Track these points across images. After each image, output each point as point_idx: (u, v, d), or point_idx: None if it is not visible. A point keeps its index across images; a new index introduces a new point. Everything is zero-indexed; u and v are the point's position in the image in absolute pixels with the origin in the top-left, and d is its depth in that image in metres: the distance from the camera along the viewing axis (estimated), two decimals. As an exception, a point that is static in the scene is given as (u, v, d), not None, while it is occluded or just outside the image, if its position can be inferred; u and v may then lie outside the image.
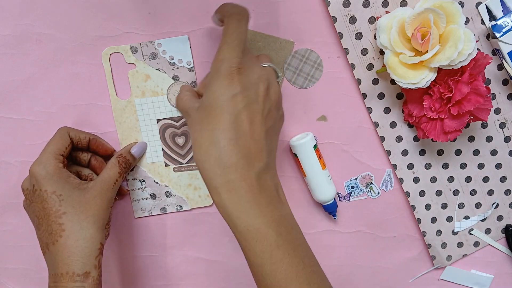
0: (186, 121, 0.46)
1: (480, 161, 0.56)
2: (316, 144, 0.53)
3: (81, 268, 0.44)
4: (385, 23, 0.47)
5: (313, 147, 0.52)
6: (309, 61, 0.52)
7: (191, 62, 0.51)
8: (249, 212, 0.39)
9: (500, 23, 0.50)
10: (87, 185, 0.47)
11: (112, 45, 0.51)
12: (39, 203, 0.45)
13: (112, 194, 0.48)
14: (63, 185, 0.45)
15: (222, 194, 0.39)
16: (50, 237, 0.45)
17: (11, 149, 0.53)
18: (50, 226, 0.45)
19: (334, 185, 0.55)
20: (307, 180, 0.53)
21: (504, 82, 0.53)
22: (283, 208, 0.42)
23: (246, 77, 0.41)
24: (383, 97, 0.53)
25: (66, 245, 0.44)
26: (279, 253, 0.39)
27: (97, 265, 0.45)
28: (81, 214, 0.45)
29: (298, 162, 0.53)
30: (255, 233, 0.39)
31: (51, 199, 0.45)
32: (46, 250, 0.45)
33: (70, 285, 0.44)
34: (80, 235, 0.45)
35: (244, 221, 0.39)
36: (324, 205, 0.55)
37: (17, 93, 0.51)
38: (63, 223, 0.45)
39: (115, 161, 0.49)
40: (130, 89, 0.52)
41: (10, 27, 0.50)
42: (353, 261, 0.59)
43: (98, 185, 0.47)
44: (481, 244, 0.59)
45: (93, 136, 0.51)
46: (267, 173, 0.41)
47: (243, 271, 0.58)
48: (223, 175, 0.39)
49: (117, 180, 0.49)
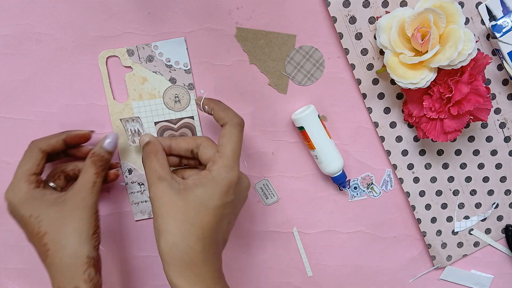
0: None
1: (480, 161, 0.56)
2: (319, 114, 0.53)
3: (69, 283, 0.43)
4: (385, 23, 0.47)
5: (318, 117, 0.52)
6: (311, 59, 0.52)
7: (188, 64, 0.51)
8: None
9: (500, 23, 0.50)
10: (65, 197, 0.45)
11: (112, 45, 0.51)
12: (22, 226, 0.45)
13: (93, 199, 0.45)
14: (39, 206, 0.44)
15: (194, 285, 0.42)
16: (41, 255, 0.45)
17: (11, 149, 0.53)
18: (36, 246, 0.45)
19: (341, 155, 0.54)
20: (316, 152, 0.52)
21: (504, 82, 0.53)
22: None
23: (239, 187, 0.45)
24: (383, 97, 0.53)
25: (53, 264, 0.44)
26: None
27: (87, 279, 0.44)
28: (62, 230, 0.44)
29: (304, 136, 0.52)
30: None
31: (29, 223, 0.44)
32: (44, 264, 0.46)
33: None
34: (64, 253, 0.44)
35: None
36: (333, 177, 0.54)
37: (17, 93, 0.51)
38: (46, 243, 0.44)
39: (89, 162, 0.46)
40: (127, 92, 0.52)
41: (10, 27, 0.50)
42: (353, 261, 0.59)
43: (75, 195, 0.45)
44: (481, 244, 0.59)
45: (65, 134, 0.48)
46: (219, 263, 0.45)
47: (243, 272, 0.58)
48: (199, 267, 0.42)
49: (94, 182, 0.46)
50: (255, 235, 0.57)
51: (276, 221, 0.57)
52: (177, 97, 0.52)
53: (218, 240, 0.44)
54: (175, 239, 0.42)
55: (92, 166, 0.46)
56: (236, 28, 0.51)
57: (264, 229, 0.57)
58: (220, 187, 0.43)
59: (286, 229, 0.57)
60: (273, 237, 0.57)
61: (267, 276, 0.59)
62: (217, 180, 0.43)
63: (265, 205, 0.57)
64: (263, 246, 0.58)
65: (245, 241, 0.57)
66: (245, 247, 0.58)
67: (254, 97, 0.53)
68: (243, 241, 0.57)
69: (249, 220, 0.57)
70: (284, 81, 0.53)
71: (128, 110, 0.52)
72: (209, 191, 0.42)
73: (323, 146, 0.52)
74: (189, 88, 0.52)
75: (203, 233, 0.42)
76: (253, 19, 0.51)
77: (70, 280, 0.43)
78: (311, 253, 0.58)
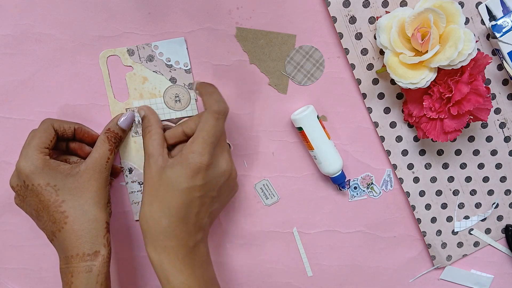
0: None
1: (480, 161, 0.56)
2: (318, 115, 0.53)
3: (90, 248, 0.45)
4: (385, 23, 0.47)
5: (317, 117, 0.52)
6: (311, 59, 0.52)
7: (188, 64, 0.51)
8: (183, 272, 0.45)
9: (500, 23, 0.50)
10: (79, 168, 0.47)
11: (112, 45, 0.51)
12: (34, 197, 0.46)
13: (106, 173, 0.48)
14: (55, 175, 0.46)
15: (161, 254, 0.45)
16: (55, 225, 0.45)
17: (11, 149, 0.53)
18: (52, 215, 0.45)
19: (340, 156, 0.54)
20: (315, 153, 0.52)
21: (504, 82, 0.53)
22: (211, 271, 0.48)
23: (211, 173, 0.46)
24: (383, 97, 0.53)
25: (73, 230, 0.45)
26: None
27: (106, 243, 0.46)
28: (80, 198, 0.46)
29: (303, 136, 0.52)
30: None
31: (46, 191, 0.45)
32: (53, 238, 0.46)
33: (81, 265, 0.45)
34: (85, 218, 0.45)
35: (177, 279, 0.45)
36: (332, 177, 0.54)
37: (17, 93, 0.51)
38: (65, 210, 0.45)
39: (104, 138, 0.48)
40: (128, 92, 0.52)
41: (10, 27, 0.50)
42: (353, 261, 0.59)
43: (90, 167, 0.47)
44: (481, 244, 0.59)
45: (78, 125, 0.50)
46: (202, 242, 0.47)
47: (244, 272, 0.58)
48: (165, 240, 0.45)
49: (108, 158, 0.48)
50: (255, 235, 0.57)
51: (276, 221, 0.57)
52: (178, 96, 0.52)
53: (189, 221, 0.46)
54: (146, 212, 0.46)
55: (107, 142, 0.48)
56: (236, 28, 0.51)
57: (264, 229, 0.57)
58: (186, 171, 0.44)
59: (286, 229, 0.57)
60: (273, 237, 0.57)
61: (267, 276, 0.59)
62: (184, 164, 0.44)
63: (265, 205, 0.57)
64: (263, 246, 0.58)
65: (245, 241, 0.57)
66: (245, 247, 0.58)
67: (254, 97, 0.53)
68: (243, 241, 0.57)
69: (249, 220, 0.57)
70: (284, 81, 0.53)
71: (128, 110, 0.52)
72: (177, 173, 0.45)
73: (322, 146, 0.52)
74: (189, 87, 0.52)
75: (169, 211, 0.45)
76: (253, 19, 0.51)
77: (91, 245, 0.45)
78: (311, 253, 0.58)
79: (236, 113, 0.53)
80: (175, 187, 0.44)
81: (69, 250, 0.45)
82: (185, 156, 0.45)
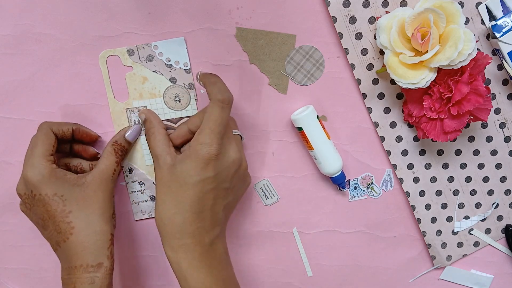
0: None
1: (480, 161, 0.56)
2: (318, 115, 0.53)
3: (94, 260, 0.45)
4: (385, 23, 0.47)
5: (317, 118, 0.52)
6: (311, 59, 0.52)
7: (188, 64, 0.51)
8: (200, 271, 0.44)
9: (500, 23, 0.50)
10: (85, 179, 0.47)
11: (112, 45, 0.51)
12: (41, 206, 0.45)
13: (112, 184, 0.48)
14: (62, 185, 0.45)
15: (178, 253, 0.45)
16: (60, 235, 0.45)
17: (11, 149, 0.53)
18: (58, 226, 0.45)
19: (340, 156, 0.54)
20: (314, 153, 0.52)
21: (504, 82, 0.53)
22: (230, 269, 0.48)
23: (221, 163, 0.45)
24: (383, 97, 0.53)
25: (78, 241, 0.45)
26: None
27: (109, 255, 0.46)
28: (86, 209, 0.46)
29: (303, 136, 0.52)
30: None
31: (53, 201, 0.45)
32: (57, 247, 0.46)
33: (84, 276, 0.45)
34: (90, 230, 0.45)
35: (195, 278, 0.44)
36: (332, 177, 0.54)
37: (17, 93, 0.51)
38: (71, 221, 0.45)
39: (111, 150, 0.49)
40: (128, 92, 0.52)
41: (10, 27, 0.50)
42: (353, 261, 0.59)
43: (97, 178, 0.47)
44: (481, 244, 0.59)
45: (76, 126, 0.50)
46: (219, 238, 0.47)
47: (243, 272, 0.58)
48: (181, 239, 0.45)
49: (115, 170, 0.48)
50: (255, 235, 0.57)
51: (276, 221, 0.57)
52: (177, 96, 0.52)
53: (204, 216, 0.45)
54: (160, 211, 0.45)
55: (113, 154, 0.49)
56: (236, 28, 0.51)
57: (264, 229, 0.57)
58: (196, 163, 0.44)
59: (286, 229, 0.57)
60: (273, 237, 0.57)
61: (267, 276, 0.59)
62: (193, 156, 0.44)
63: (265, 205, 0.57)
64: (263, 246, 0.58)
65: (245, 241, 0.57)
66: (245, 247, 0.58)
67: (254, 97, 0.53)
68: (243, 241, 0.57)
69: (249, 220, 0.57)
70: (284, 81, 0.53)
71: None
72: (187, 166, 0.44)
73: (322, 146, 0.52)
74: (189, 87, 0.52)
75: (183, 206, 0.44)
76: (253, 19, 0.51)
77: (95, 257, 0.45)
78: (311, 253, 0.58)
79: (236, 113, 0.53)
80: (187, 181, 0.44)
81: (73, 260, 0.45)
82: (194, 148, 0.44)
